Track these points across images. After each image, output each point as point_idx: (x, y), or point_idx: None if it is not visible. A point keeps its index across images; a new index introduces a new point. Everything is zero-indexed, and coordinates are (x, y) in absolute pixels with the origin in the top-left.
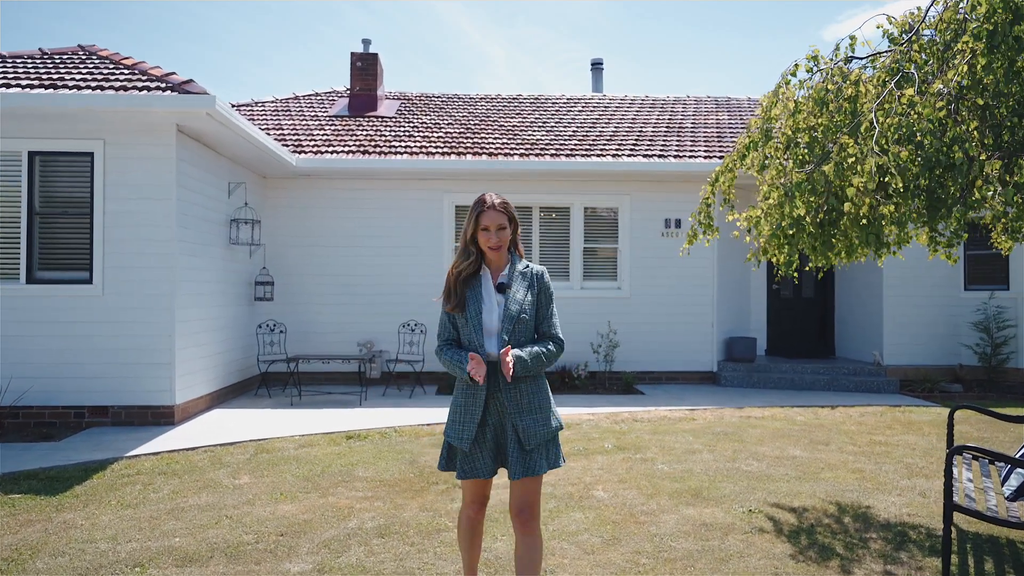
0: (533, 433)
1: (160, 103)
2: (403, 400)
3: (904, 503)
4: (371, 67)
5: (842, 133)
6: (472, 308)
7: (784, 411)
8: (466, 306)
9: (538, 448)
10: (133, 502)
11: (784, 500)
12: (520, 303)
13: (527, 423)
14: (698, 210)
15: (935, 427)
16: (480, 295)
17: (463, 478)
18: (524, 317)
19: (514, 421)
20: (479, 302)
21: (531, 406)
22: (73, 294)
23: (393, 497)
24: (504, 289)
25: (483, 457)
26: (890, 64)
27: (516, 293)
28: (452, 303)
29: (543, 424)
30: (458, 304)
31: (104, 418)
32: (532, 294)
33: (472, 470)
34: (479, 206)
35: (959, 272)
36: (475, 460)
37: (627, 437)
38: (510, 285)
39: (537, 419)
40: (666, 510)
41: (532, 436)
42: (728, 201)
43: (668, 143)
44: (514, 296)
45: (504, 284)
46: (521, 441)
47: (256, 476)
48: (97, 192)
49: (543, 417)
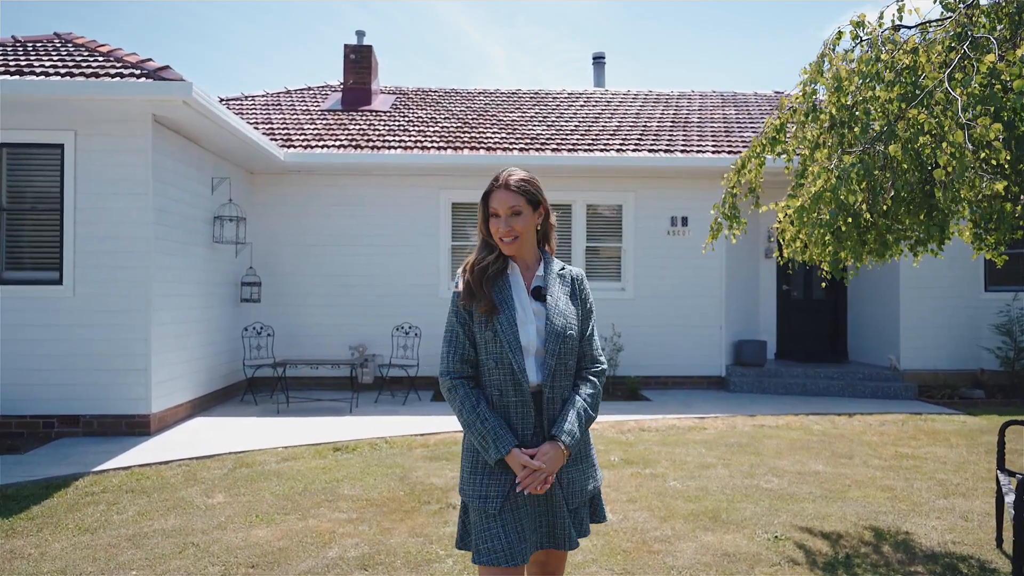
0: (580, 488)
1: (133, 90)
2: (396, 407)
3: (946, 528)
4: (365, 60)
5: (910, 106)
6: (503, 317)
7: (799, 419)
8: (496, 312)
9: (582, 508)
10: (93, 525)
11: (813, 524)
12: (565, 316)
13: (574, 475)
14: (723, 200)
15: (962, 437)
16: (510, 300)
17: (484, 564)
18: (571, 334)
19: (559, 473)
20: (510, 309)
21: (579, 454)
22: (42, 295)
23: (380, 519)
24: (542, 295)
25: (518, 528)
26: (953, 31)
27: (558, 302)
28: (483, 304)
29: (590, 477)
30: (490, 307)
31: (75, 428)
32: (577, 303)
33: (502, 551)
34: (489, 185)
35: (979, 272)
36: (508, 533)
37: (635, 449)
38: (549, 291)
39: (583, 469)
40: (682, 536)
41: (578, 493)
42: (754, 191)
43: (674, 138)
44: (556, 306)
45: (541, 289)
46: (565, 499)
47: (232, 495)
48: (68, 186)
49: (589, 467)
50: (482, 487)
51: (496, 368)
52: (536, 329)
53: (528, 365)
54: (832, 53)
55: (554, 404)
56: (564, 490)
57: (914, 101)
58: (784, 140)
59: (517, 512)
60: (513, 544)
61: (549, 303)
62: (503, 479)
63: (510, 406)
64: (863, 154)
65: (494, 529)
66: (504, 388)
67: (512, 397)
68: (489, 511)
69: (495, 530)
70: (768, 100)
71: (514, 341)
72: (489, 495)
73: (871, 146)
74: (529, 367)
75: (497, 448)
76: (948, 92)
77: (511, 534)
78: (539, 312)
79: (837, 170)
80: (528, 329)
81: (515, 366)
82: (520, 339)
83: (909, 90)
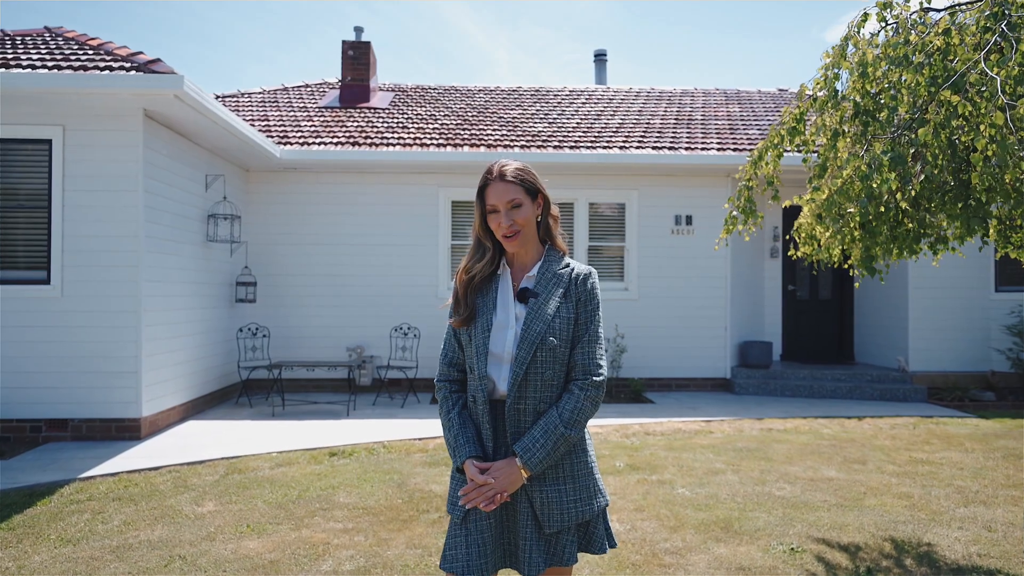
0: (560, 512)
1: (122, 83)
2: (394, 410)
3: (970, 539)
4: (363, 56)
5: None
6: (480, 322)
7: (807, 423)
8: (474, 319)
9: (565, 534)
10: (76, 536)
11: (830, 534)
12: (547, 321)
13: (550, 496)
14: (738, 193)
15: (976, 442)
16: (492, 304)
17: (444, 570)
18: (552, 341)
19: (529, 488)
20: (489, 314)
21: (558, 473)
22: (29, 295)
23: (376, 529)
24: (527, 297)
25: (481, 542)
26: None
27: (545, 305)
28: (461, 315)
29: (579, 500)
30: (468, 316)
31: (63, 432)
32: (569, 306)
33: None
34: (483, 179)
35: (989, 272)
36: (470, 545)
37: (640, 454)
38: (537, 292)
39: (565, 491)
40: (694, 548)
41: (556, 517)
42: (772, 184)
43: (678, 135)
44: (540, 309)
45: (528, 290)
46: (539, 521)
47: (222, 503)
48: (56, 183)
49: (578, 490)
50: (453, 493)
51: (472, 374)
52: (514, 334)
53: (499, 373)
54: (857, 35)
55: (520, 417)
56: (538, 511)
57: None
58: (803, 131)
59: (480, 524)
60: (472, 557)
61: (531, 306)
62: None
63: (478, 414)
64: (893, 142)
65: (459, 537)
66: (476, 395)
67: (479, 406)
68: (455, 518)
69: (459, 538)
70: (772, 98)
71: (482, 347)
72: (456, 501)
73: (900, 134)
74: (499, 375)
75: (456, 456)
76: (985, 72)
77: (472, 546)
78: (520, 315)
79: (868, 156)
80: (505, 335)
81: (478, 372)
82: (490, 346)
83: (940, 72)
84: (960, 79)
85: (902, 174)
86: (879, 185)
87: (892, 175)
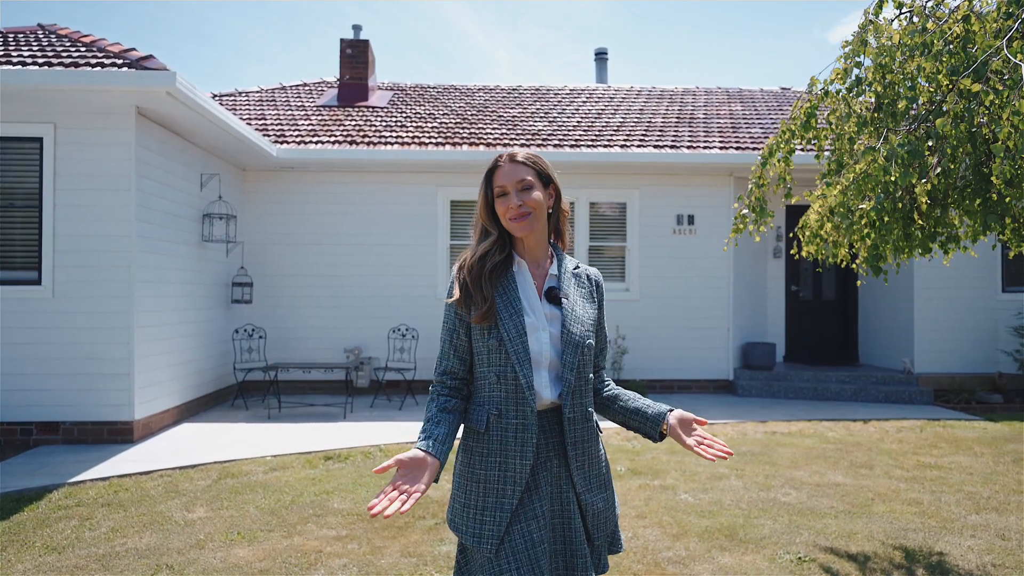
0: (605, 520)
1: (114, 80)
2: (392, 412)
3: (983, 548)
4: (361, 54)
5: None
6: (510, 323)
7: (812, 426)
8: (498, 317)
9: (604, 542)
10: (62, 544)
11: (838, 543)
12: (583, 323)
13: (599, 505)
14: (748, 192)
15: (985, 445)
16: (516, 302)
17: None
18: (590, 343)
19: (583, 499)
20: (518, 313)
21: (602, 478)
22: (19, 296)
23: (371, 536)
24: (558, 297)
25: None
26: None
27: (575, 306)
28: (479, 308)
29: (613, 506)
30: (488, 311)
31: (54, 435)
32: (594, 307)
33: None
34: (492, 164)
35: (996, 272)
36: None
37: (642, 458)
38: (568, 293)
39: (608, 497)
40: (697, 557)
41: (603, 525)
42: (785, 181)
43: (680, 134)
44: (574, 311)
45: (556, 290)
46: (589, 532)
47: (214, 508)
48: (47, 182)
49: (611, 495)
50: (476, 524)
51: (498, 383)
52: (550, 337)
53: (539, 380)
54: (877, 20)
55: (575, 424)
56: (590, 523)
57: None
58: (815, 126)
59: (534, 551)
60: None
61: (566, 307)
62: (498, 516)
63: (509, 428)
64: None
65: (508, 572)
66: (505, 407)
67: (513, 418)
68: (485, 552)
69: (509, 573)
70: (775, 96)
71: (523, 352)
72: (483, 534)
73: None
74: (540, 382)
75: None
76: (1008, 59)
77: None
78: (553, 317)
79: (884, 149)
80: (540, 337)
81: (523, 381)
82: (530, 350)
83: (960, 61)
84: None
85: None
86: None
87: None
